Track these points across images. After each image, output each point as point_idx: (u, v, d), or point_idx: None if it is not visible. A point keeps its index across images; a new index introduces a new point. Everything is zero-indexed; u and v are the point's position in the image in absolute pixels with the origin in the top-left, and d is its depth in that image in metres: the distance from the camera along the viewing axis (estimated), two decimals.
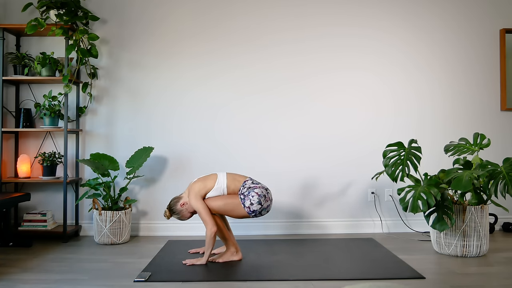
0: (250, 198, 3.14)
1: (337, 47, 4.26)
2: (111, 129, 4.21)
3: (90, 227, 4.19)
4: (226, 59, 4.22)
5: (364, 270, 3.04)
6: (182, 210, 3.29)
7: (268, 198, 3.20)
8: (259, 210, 3.17)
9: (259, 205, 3.15)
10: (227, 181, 3.26)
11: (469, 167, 3.40)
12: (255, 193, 3.16)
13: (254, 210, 3.15)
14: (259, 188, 3.19)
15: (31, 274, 3.01)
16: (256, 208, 3.15)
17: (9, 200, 3.45)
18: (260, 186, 3.22)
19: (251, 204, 3.14)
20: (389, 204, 4.27)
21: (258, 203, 3.14)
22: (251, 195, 3.15)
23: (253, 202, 3.14)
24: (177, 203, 3.29)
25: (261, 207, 3.16)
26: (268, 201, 3.21)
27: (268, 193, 3.22)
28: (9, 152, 4.16)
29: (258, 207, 3.15)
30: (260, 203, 3.15)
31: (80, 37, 3.90)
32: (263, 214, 3.22)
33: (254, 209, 3.15)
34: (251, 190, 3.17)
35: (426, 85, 4.30)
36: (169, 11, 4.22)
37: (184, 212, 3.29)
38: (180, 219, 3.34)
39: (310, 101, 4.25)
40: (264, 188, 3.22)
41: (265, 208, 3.19)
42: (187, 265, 3.16)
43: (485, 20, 4.33)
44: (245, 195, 3.17)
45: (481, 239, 3.37)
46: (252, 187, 3.19)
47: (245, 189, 3.20)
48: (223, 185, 3.25)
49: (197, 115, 4.21)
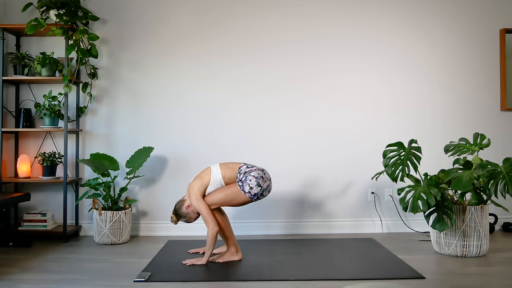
0: (248, 182, 3.15)
1: (337, 47, 4.26)
2: (111, 129, 4.21)
3: (90, 227, 4.19)
4: (226, 59, 4.22)
5: (364, 270, 3.04)
6: (188, 213, 3.28)
7: (266, 178, 3.21)
8: (260, 192, 3.17)
9: (258, 187, 3.15)
10: (222, 171, 3.26)
11: (469, 167, 3.40)
12: (252, 176, 3.16)
13: (255, 193, 3.16)
14: (255, 171, 3.20)
15: (31, 274, 3.01)
16: (257, 190, 3.15)
17: (9, 200, 3.45)
18: (256, 168, 3.23)
19: (251, 188, 3.15)
20: (389, 204, 4.27)
21: (257, 185, 3.15)
22: (249, 179, 3.16)
23: (252, 186, 3.14)
24: (182, 207, 3.29)
25: (261, 189, 3.17)
26: (267, 181, 3.21)
27: (265, 173, 3.23)
28: (9, 152, 4.16)
29: (258, 189, 3.16)
30: (259, 185, 3.16)
31: (80, 37, 3.90)
32: (265, 195, 3.22)
33: (254, 192, 3.15)
34: (248, 175, 3.18)
35: (426, 85, 4.30)
36: (169, 11, 4.22)
37: (190, 214, 3.29)
38: (187, 222, 3.34)
39: (310, 101, 4.25)
40: (260, 169, 3.23)
41: (266, 189, 3.20)
42: (187, 265, 3.16)
43: (485, 20, 4.33)
44: (242, 181, 3.18)
45: (481, 239, 3.37)
46: (248, 171, 3.20)
47: (242, 175, 3.21)
48: (218, 177, 3.25)
49: (197, 115, 4.21)
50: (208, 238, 3.15)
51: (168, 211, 4.19)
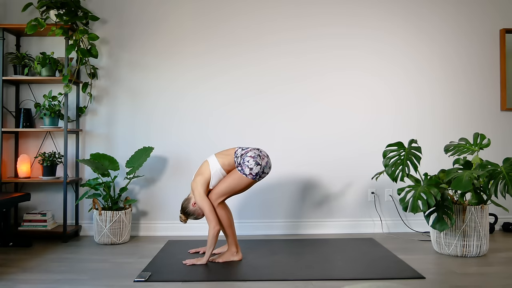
0: (247, 164, 3.16)
1: (337, 47, 4.26)
2: (111, 129, 4.21)
3: (90, 227, 4.19)
4: (226, 59, 4.22)
5: (364, 270, 3.04)
6: (196, 210, 3.29)
7: (263, 155, 3.22)
8: (261, 170, 3.18)
9: (258, 166, 3.16)
10: (220, 161, 3.26)
11: (469, 167, 3.40)
12: (248, 157, 3.17)
13: (257, 173, 3.16)
14: (250, 151, 3.21)
15: (31, 274, 3.01)
16: (257, 170, 3.16)
17: (9, 200, 3.45)
18: (251, 148, 3.24)
19: (250, 169, 3.15)
20: (389, 204, 4.27)
21: (256, 164, 3.16)
22: (246, 160, 3.17)
23: (251, 166, 3.15)
24: (189, 205, 3.30)
25: (261, 167, 3.17)
26: (265, 158, 3.22)
27: (260, 151, 3.24)
28: (9, 152, 4.16)
29: (258, 168, 3.16)
30: (258, 163, 3.16)
31: (80, 37, 3.90)
32: (266, 172, 3.23)
33: (255, 172, 3.16)
34: (245, 156, 3.19)
35: (426, 85, 4.30)
36: (169, 11, 4.22)
37: (198, 211, 3.30)
38: (196, 219, 3.35)
39: (310, 101, 4.24)
40: (256, 149, 3.24)
41: (265, 166, 3.20)
42: (187, 265, 3.16)
43: (485, 20, 4.33)
44: (241, 164, 3.18)
45: (481, 239, 3.37)
46: (244, 153, 3.21)
47: (239, 158, 3.21)
48: (217, 167, 3.25)
49: (197, 115, 4.21)
50: (209, 237, 3.15)
51: (168, 211, 4.19)
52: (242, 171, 3.17)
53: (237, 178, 3.19)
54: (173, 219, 4.19)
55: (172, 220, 4.19)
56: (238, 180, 3.19)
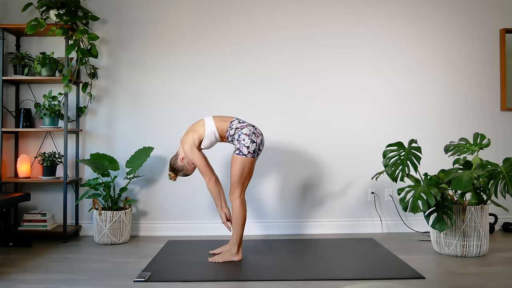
0: (243, 143, 3.16)
1: (337, 45, 4.25)
2: (111, 129, 4.21)
3: (90, 227, 4.19)
4: (226, 58, 4.22)
5: (364, 270, 3.04)
6: (184, 165, 3.31)
7: (257, 133, 3.22)
8: (257, 147, 3.18)
9: (253, 143, 3.16)
10: (216, 123, 3.27)
11: (469, 167, 3.40)
12: (244, 135, 3.17)
13: (254, 150, 3.16)
14: (246, 127, 3.21)
15: (31, 274, 3.01)
16: (253, 147, 3.16)
17: (9, 200, 3.45)
18: (247, 124, 3.24)
19: (247, 147, 3.15)
20: (389, 204, 4.27)
21: (251, 142, 3.16)
22: (242, 138, 3.17)
23: (247, 144, 3.15)
24: (176, 161, 3.31)
25: (256, 144, 3.17)
26: (259, 136, 3.22)
27: (256, 129, 3.24)
28: (9, 152, 4.16)
29: (254, 145, 3.16)
30: (253, 141, 3.16)
31: (80, 37, 3.90)
32: (261, 149, 3.24)
33: (252, 149, 3.15)
34: (240, 133, 3.18)
35: (427, 85, 4.30)
36: (169, 10, 4.22)
37: (186, 166, 3.31)
38: (185, 175, 3.37)
39: (310, 100, 4.24)
40: (251, 125, 3.25)
41: (260, 143, 3.21)
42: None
43: (485, 20, 4.33)
44: (236, 144, 3.18)
45: (481, 239, 3.37)
46: (240, 127, 3.21)
47: (233, 130, 3.22)
48: (213, 128, 3.25)
49: (197, 114, 4.20)
50: (209, 191, 3.20)
51: (168, 211, 4.19)
52: (241, 152, 3.15)
53: (239, 163, 3.16)
54: (173, 219, 4.19)
55: (172, 220, 4.19)
56: (240, 163, 3.16)
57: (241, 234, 3.25)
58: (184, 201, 4.20)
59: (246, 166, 3.18)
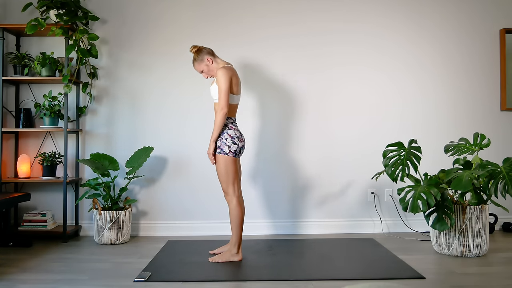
0: (225, 142, 3.19)
1: (336, 44, 4.25)
2: (111, 129, 4.21)
3: (90, 227, 4.19)
4: (225, 58, 4.21)
5: (364, 270, 3.04)
6: (203, 63, 3.32)
7: (241, 139, 3.27)
8: (238, 149, 3.23)
9: (235, 145, 3.21)
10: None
11: (469, 167, 3.40)
12: (228, 135, 3.22)
13: (235, 150, 3.22)
14: (233, 130, 3.25)
15: (31, 274, 3.01)
16: (235, 148, 3.21)
17: (9, 200, 3.45)
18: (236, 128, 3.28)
19: (229, 147, 3.19)
20: (389, 204, 4.27)
21: (233, 143, 3.21)
22: (224, 137, 3.21)
23: (229, 144, 3.20)
24: (207, 54, 3.33)
25: (238, 146, 3.23)
26: (242, 141, 3.27)
27: (241, 134, 3.29)
28: (9, 152, 4.16)
29: (235, 146, 3.21)
30: (235, 143, 3.22)
31: (80, 37, 3.90)
32: (242, 152, 3.29)
33: (234, 149, 3.21)
34: (225, 132, 3.22)
35: (427, 85, 4.29)
36: (169, 10, 4.22)
37: (203, 66, 3.33)
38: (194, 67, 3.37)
39: (310, 100, 4.24)
40: (239, 131, 3.29)
41: (242, 147, 3.27)
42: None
43: (486, 20, 4.33)
44: (218, 142, 3.20)
45: (481, 239, 3.37)
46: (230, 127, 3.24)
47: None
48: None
49: (197, 114, 4.21)
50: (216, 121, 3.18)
51: (168, 211, 4.19)
52: (223, 151, 3.19)
53: (221, 161, 3.20)
54: (173, 219, 4.19)
55: (172, 220, 4.19)
56: (223, 162, 3.20)
57: (240, 234, 3.25)
58: (184, 201, 4.20)
59: (229, 165, 3.21)
